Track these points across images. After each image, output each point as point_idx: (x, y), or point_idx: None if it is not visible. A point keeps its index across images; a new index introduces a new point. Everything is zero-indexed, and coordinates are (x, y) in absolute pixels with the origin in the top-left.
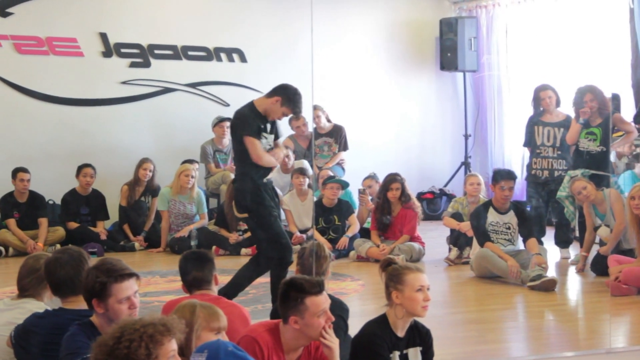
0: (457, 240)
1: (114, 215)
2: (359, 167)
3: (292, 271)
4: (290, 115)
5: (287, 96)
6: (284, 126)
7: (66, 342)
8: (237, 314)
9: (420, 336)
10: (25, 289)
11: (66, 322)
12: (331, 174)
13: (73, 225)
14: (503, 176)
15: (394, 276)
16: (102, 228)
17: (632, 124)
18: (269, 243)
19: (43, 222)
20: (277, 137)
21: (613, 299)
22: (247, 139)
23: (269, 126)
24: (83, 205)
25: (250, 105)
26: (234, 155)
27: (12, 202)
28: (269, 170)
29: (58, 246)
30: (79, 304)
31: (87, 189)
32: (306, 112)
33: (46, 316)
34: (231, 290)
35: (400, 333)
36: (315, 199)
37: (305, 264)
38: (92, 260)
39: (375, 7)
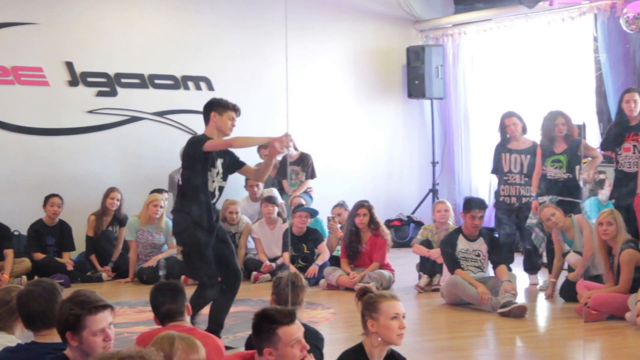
0: (427, 267)
1: (80, 245)
2: (327, 195)
3: (267, 301)
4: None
5: (217, 104)
6: (253, 155)
7: None
8: (211, 344)
9: None
10: None
11: (40, 356)
12: (303, 202)
13: (39, 256)
14: (474, 205)
15: (369, 304)
16: (68, 259)
17: (598, 149)
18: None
19: (9, 253)
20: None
21: (584, 324)
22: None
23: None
24: (49, 235)
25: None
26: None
27: None
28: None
29: (24, 277)
30: (53, 337)
31: (54, 220)
32: None
33: (19, 350)
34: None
35: None
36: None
37: (282, 294)
38: (65, 292)
39: (342, 36)
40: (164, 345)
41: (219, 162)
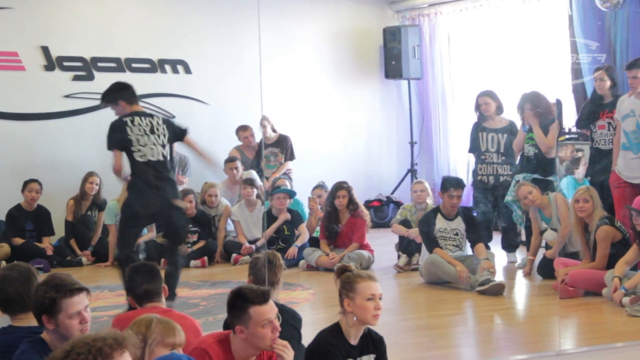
0: (406, 247)
1: (59, 230)
2: (307, 177)
3: (244, 281)
4: (238, 126)
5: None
6: (232, 137)
7: None
8: (188, 325)
9: (373, 344)
10: None
11: (16, 339)
12: (287, 183)
13: (18, 241)
14: (452, 184)
15: (346, 284)
16: (47, 244)
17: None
18: None
19: None
20: None
21: (561, 301)
22: None
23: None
24: (28, 220)
25: None
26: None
27: None
28: None
29: (3, 263)
30: (29, 320)
31: (33, 205)
32: (253, 123)
33: None
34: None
35: (354, 341)
36: (265, 209)
37: (259, 274)
38: (40, 276)
39: (319, 17)
40: (141, 327)
41: None
